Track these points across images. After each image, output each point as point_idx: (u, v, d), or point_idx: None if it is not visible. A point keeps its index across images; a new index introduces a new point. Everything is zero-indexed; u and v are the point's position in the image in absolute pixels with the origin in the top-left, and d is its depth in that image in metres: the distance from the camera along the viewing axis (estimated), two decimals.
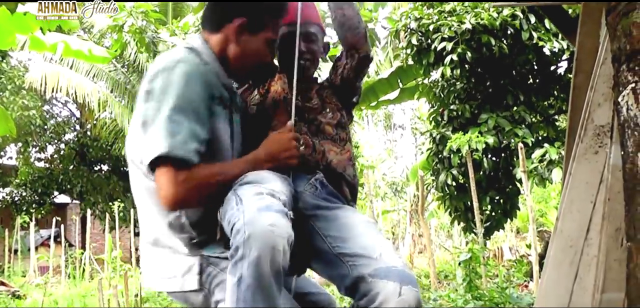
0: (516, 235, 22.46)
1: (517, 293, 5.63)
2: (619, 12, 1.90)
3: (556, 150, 8.60)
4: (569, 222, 2.42)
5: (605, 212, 2.31)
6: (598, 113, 2.33)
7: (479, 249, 5.61)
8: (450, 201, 10.21)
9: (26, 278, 14.10)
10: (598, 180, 2.39)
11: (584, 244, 2.42)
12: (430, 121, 10.57)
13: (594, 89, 2.34)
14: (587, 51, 2.49)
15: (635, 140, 1.82)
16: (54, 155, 22.52)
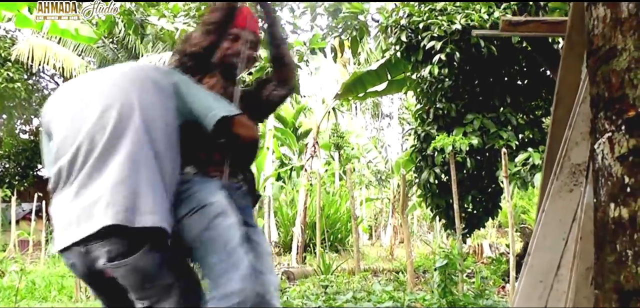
0: (498, 229, 22.59)
1: (493, 300, 5.64)
2: (599, 56, 1.88)
3: (539, 154, 8.61)
4: (539, 258, 2.41)
5: (576, 250, 2.30)
6: (575, 151, 2.32)
7: (456, 256, 5.60)
8: (432, 199, 10.22)
9: (5, 253, 13.95)
10: (571, 218, 2.38)
11: (554, 280, 2.42)
12: (416, 118, 10.54)
13: (572, 127, 2.32)
14: (568, 85, 2.47)
15: (608, 190, 1.80)
16: (39, 127, 22.32)
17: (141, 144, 2.28)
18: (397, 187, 19.53)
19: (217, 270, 2.42)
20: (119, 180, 2.21)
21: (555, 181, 2.35)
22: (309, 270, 11.92)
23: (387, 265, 13.94)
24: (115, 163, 2.23)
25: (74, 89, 2.52)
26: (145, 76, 2.48)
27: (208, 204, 2.55)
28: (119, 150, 2.25)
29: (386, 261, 15.66)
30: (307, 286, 7.34)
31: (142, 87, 2.41)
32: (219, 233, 2.47)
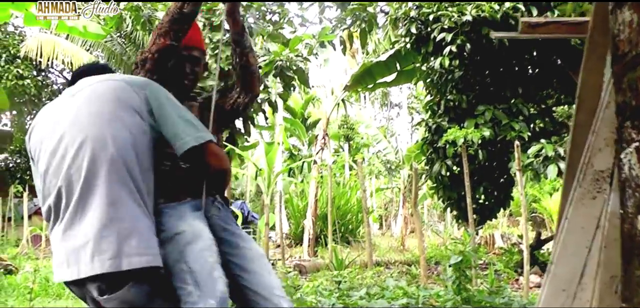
0: (509, 218, 22.52)
1: (508, 296, 5.58)
2: (625, 63, 1.81)
3: (552, 146, 8.54)
4: (562, 267, 2.36)
5: (600, 259, 2.25)
6: (598, 158, 2.26)
7: (470, 253, 5.54)
8: (443, 191, 10.17)
9: (19, 249, 14.01)
10: (594, 226, 2.32)
11: (577, 289, 2.36)
12: (426, 110, 10.47)
13: (595, 133, 2.26)
14: (590, 88, 2.40)
15: (636, 202, 1.74)
16: None
17: (118, 179, 2.24)
18: (407, 178, 19.47)
19: (191, 301, 2.39)
20: (102, 225, 2.17)
21: (578, 188, 2.29)
22: (321, 263, 11.90)
23: (398, 256, 13.91)
24: (95, 205, 2.20)
25: (50, 117, 2.46)
26: (116, 98, 2.37)
27: (178, 233, 2.52)
28: (96, 190, 2.21)
29: (397, 252, 15.63)
30: (320, 281, 7.29)
31: (114, 113, 2.34)
32: (190, 263, 2.44)
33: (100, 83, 2.45)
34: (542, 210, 21.27)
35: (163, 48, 2.74)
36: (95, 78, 2.50)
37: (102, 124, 2.30)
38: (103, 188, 2.21)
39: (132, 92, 2.39)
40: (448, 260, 11.56)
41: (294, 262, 12.72)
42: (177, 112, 2.41)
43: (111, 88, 2.40)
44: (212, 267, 2.48)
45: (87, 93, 2.41)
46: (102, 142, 2.26)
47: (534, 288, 8.52)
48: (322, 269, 11.21)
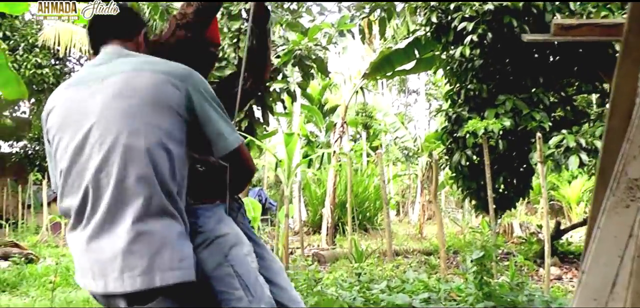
0: (526, 205, 22.37)
1: (529, 292, 5.53)
2: None
3: (573, 137, 8.45)
4: (594, 276, 2.31)
5: (633, 268, 2.20)
6: (632, 166, 2.21)
7: (491, 247, 5.50)
8: (463, 181, 10.11)
9: (38, 237, 14.11)
10: (627, 235, 2.27)
11: (608, 298, 2.32)
12: (446, 99, 10.39)
13: (629, 141, 2.21)
14: (624, 93, 2.34)
15: None
16: None
17: (150, 190, 2.06)
18: (425, 165, 19.40)
19: (242, 306, 2.34)
20: (131, 239, 2.02)
21: (611, 197, 2.24)
22: (339, 252, 11.89)
23: (417, 245, 13.86)
24: (125, 217, 2.04)
25: (74, 101, 2.22)
26: (153, 96, 2.12)
27: (221, 236, 2.45)
28: (127, 201, 2.05)
29: (416, 240, 15.58)
30: (340, 273, 7.28)
31: (150, 115, 2.10)
32: (237, 267, 2.39)
33: (136, 74, 2.15)
34: (560, 198, 21.16)
35: (183, 40, 2.67)
36: (129, 60, 2.22)
37: (136, 127, 2.08)
38: (134, 199, 2.04)
39: (172, 88, 2.14)
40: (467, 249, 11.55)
41: (312, 250, 12.74)
42: (219, 109, 2.25)
43: (149, 83, 2.12)
44: (257, 272, 2.46)
45: (120, 84, 2.14)
46: (135, 149, 2.07)
47: (554, 280, 8.46)
48: (341, 258, 11.21)
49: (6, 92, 9.89)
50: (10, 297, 7.70)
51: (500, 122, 8.71)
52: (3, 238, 13.11)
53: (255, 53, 2.94)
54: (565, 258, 10.91)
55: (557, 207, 22.21)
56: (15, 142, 23.85)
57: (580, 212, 20.28)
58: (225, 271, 2.37)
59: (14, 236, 14.55)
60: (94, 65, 2.27)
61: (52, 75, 17.38)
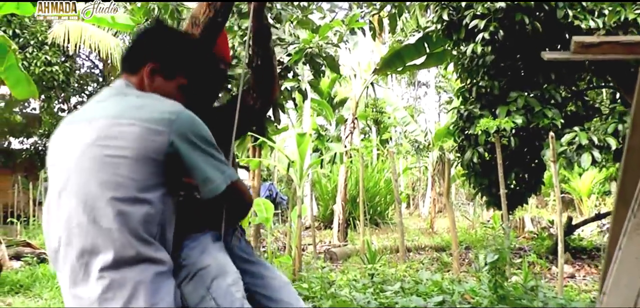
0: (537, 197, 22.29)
1: (544, 294, 5.53)
2: None
3: (585, 134, 8.41)
4: (615, 296, 2.31)
5: None
6: None
7: (505, 250, 5.50)
8: (475, 178, 10.09)
9: None
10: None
11: None
12: (458, 96, 10.36)
13: None
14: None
15: None
16: (78, 106, 22.60)
17: (121, 241, 2.04)
18: (436, 160, 19.39)
19: None
20: (105, 288, 2.03)
21: (632, 219, 2.24)
22: (351, 249, 11.92)
23: (428, 240, 13.88)
24: (98, 267, 2.03)
25: (65, 138, 2.23)
26: (131, 149, 2.08)
27: (203, 268, 2.43)
28: (98, 251, 2.03)
29: (427, 235, 15.60)
30: (353, 275, 7.29)
31: (124, 168, 2.07)
32: (219, 300, 2.37)
33: (117, 121, 2.11)
34: (571, 191, 21.09)
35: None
36: (119, 101, 2.22)
37: (106, 179, 2.07)
38: (104, 250, 2.03)
39: (152, 136, 2.09)
40: (478, 245, 11.53)
41: (324, 247, 12.77)
42: (207, 150, 2.20)
43: (127, 133, 2.08)
44: (241, 302, 2.40)
45: (100, 130, 2.12)
46: (103, 201, 2.05)
47: (567, 278, 8.45)
48: (353, 255, 11.24)
49: (17, 92, 9.94)
50: (24, 299, 7.72)
51: (512, 120, 8.68)
52: (15, 236, 13.20)
53: (261, 73, 2.89)
54: (577, 254, 10.90)
55: (568, 200, 22.15)
56: (26, 139, 23.95)
57: (591, 204, 20.24)
58: (208, 304, 2.35)
59: (25, 234, 14.63)
60: (95, 101, 2.29)
61: (62, 72, 17.41)
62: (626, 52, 2.57)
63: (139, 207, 2.05)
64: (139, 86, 2.29)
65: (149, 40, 2.39)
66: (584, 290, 7.64)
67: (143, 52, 2.34)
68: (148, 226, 2.08)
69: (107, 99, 2.25)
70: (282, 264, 7.73)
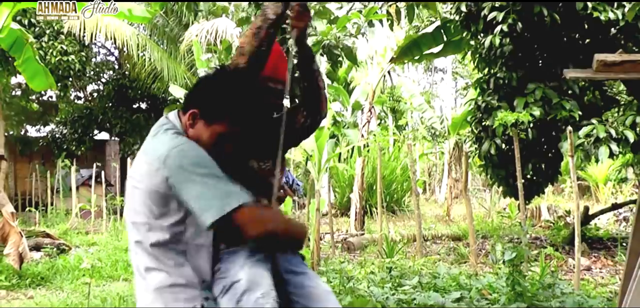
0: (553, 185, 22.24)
1: (561, 290, 5.57)
2: None
3: (603, 127, 8.41)
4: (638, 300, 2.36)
5: None
6: None
7: (523, 248, 5.56)
8: (492, 169, 10.11)
9: (69, 224, 14.32)
10: None
11: None
12: (476, 88, 10.36)
13: None
14: None
15: None
16: (94, 94, 22.82)
17: (139, 255, 2.46)
18: (453, 147, 19.39)
19: None
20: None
21: None
22: (368, 239, 11.99)
23: (444, 228, 13.92)
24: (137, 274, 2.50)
25: None
26: (140, 176, 2.45)
27: (236, 281, 2.53)
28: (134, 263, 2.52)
29: (443, 223, 15.64)
30: (371, 268, 7.35)
31: (136, 190, 2.47)
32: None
33: (139, 157, 2.50)
34: (587, 177, 21.02)
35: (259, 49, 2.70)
36: (150, 138, 2.56)
37: (132, 206, 2.49)
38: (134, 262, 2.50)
39: (154, 172, 2.39)
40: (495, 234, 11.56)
41: (341, 236, 12.85)
42: (198, 184, 2.34)
43: (139, 168, 2.47)
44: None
45: (133, 164, 2.55)
46: (131, 224, 2.50)
47: (584, 271, 8.47)
48: (370, 245, 11.31)
49: (34, 85, 10.09)
50: (45, 292, 7.80)
51: (530, 112, 8.68)
52: (33, 225, 13.36)
53: (309, 93, 2.97)
54: (594, 244, 10.90)
55: (584, 186, 22.08)
56: (43, 126, 24.21)
57: (608, 191, 20.17)
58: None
59: (43, 222, 14.84)
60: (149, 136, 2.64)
61: (77, 62, 17.48)
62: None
63: (147, 229, 2.41)
64: (184, 126, 2.53)
65: (197, 86, 2.62)
66: (600, 284, 7.66)
67: (191, 97, 2.58)
68: (161, 249, 2.42)
69: (149, 135, 2.57)
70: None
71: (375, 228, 13.32)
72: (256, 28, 2.65)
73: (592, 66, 2.73)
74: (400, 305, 5.29)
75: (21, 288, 7.88)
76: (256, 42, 2.65)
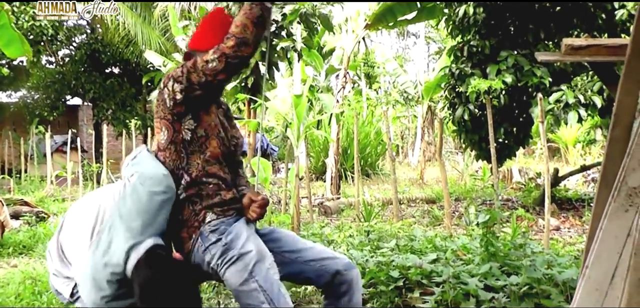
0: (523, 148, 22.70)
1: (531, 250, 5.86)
2: None
3: (572, 93, 8.71)
4: (596, 270, 2.62)
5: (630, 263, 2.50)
6: (632, 176, 2.50)
7: (496, 212, 5.82)
8: (466, 134, 10.39)
9: (44, 191, 14.30)
10: (626, 235, 2.58)
11: (608, 288, 2.63)
12: (449, 55, 10.59)
13: (630, 155, 2.49)
14: (625, 108, 2.62)
15: None
16: (66, 59, 22.49)
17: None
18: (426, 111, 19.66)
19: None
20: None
21: (612, 203, 2.54)
22: (344, 202, 12.24)
23: (418, 191, 14.22)
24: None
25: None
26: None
27: (246, 253, 2.74)
28: None
29: (417, 186, 15.94)
30: (349, 233, 7.58)
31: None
32: (261, 282, 2.69)
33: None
34: (557, 139, 21.51)
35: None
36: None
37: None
38: None
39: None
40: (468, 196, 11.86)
41: (317, 200, 13.08)
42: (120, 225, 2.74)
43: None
44: (279, 284, 2.75)
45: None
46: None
47: (553, 230, 8.82)
48: (346, 209, 11.57)
49: (10, 52, 9.99)
50: (28, 260, 7.81)
51: (502, 79, 8.94)
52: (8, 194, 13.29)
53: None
54: (563, 204, 11.29)
55: (554, 148, 22.59)
56: (14, 92, 23.90)
57: (577, 153, 20.68)
58: (251, 286, 2.67)
59: (18, 190, 14.76)
60: None
61: (50, 26, 17.31)
62: (610, 54, 2.84)
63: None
64: None
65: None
66: (569, 243, 8.00)
67: None
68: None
69: None
70: (281, 223, 7.99)
71: (351, 192, 13.58)
72: (257, 16, 2.68)
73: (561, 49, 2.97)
74: (380, 266, 5.52)
75: (3, 257, 7.87)
76: (260, 30, 2.71)
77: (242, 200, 2.96)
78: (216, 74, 2.70)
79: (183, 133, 2.83)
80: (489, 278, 5.06)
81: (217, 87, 2.82)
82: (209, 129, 2.88)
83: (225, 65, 2.68)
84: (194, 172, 2.84)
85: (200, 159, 2.84)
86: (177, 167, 2.84)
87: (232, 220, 2.86)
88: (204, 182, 2.85)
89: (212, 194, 2.85)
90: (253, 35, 2.68)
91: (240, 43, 2.67)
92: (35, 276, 6.30)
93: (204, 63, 2.70)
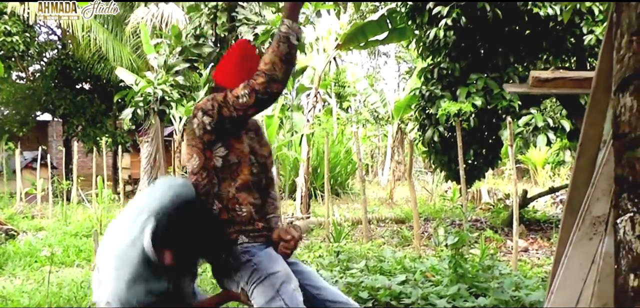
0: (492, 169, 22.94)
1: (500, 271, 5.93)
2: (625, 142, 2.09)
3: (541, 116, 8.85)
4: (561, 296, 2.66)
5: (594, 290, 2.56)
6: (596, 206, 2.55)
7: (465, 233, 5.89)
8: (435, 155, 10.48)
9: (14, 208, 14.08)
10: (590, 262, 2.63)
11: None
12: (420, 77, 10.70)
13: (594, 186, 2.55)
14: (591, 138, 2.68)
15: (629, 263, 2.04)
16: (36, 74, 22.25)
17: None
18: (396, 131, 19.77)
19: None
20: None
21: (577, 231, 2.59)
22: (314, 221, 12.24)
23: (388, 210, 14.28)
24: None
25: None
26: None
27: (273, 273, 2.85)
28: None
29: (387, 205, 16.01)
30: (319, 253, 7.60)
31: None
32: (287, 301, 2.79)
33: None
34: (526, 161, 21.77)
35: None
36: None
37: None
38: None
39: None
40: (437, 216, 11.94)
41: (287, 219, 13.06)
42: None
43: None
44: (303, 304, 2.85)
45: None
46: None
47: (521, 252, 8.92)
48: (316, 228, 11.58)
49: None
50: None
51: (472, 102, 9.06)
52: None
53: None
54: (531, 226, 11.42)
55: (524, 169, 22.87)
56: None
57: (546, 174, 20.95)
58: (277, 304, 2.77)
59: None
60: None
61: (22, 42, 17.13)
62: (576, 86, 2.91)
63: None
64: None
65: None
66: (537, 264, 8.10)
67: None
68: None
69: None
70: None
71: (321, 211, 13.59)
72: (285, 54, 2.75)
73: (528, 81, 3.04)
74: (349, 287, 5.54)
75: None
76: (288, 67, 2.78)
77: (273, 234, 3.09)
78: (247, 109, 2.80)
79: (214, 160, 2.94)
80: (457, 300, 5.12)
81: (247, 120, 2.98)
82: (240, 156, 2.99)
83: (256, 101, 2.78)
84: (225, 200, 2.95)
85: (232, 186, 2.96)
86: (208, 192, 2.93)
87: (263, 246, 3.00)
88: (236, 210, 2.97)
89: (245, 222, 2.98)
90: (282, 73, 2.76)
91: (270, 80, 2.74)
92: (5, 295, 6.20)
93: (234, 98, 2.80)
